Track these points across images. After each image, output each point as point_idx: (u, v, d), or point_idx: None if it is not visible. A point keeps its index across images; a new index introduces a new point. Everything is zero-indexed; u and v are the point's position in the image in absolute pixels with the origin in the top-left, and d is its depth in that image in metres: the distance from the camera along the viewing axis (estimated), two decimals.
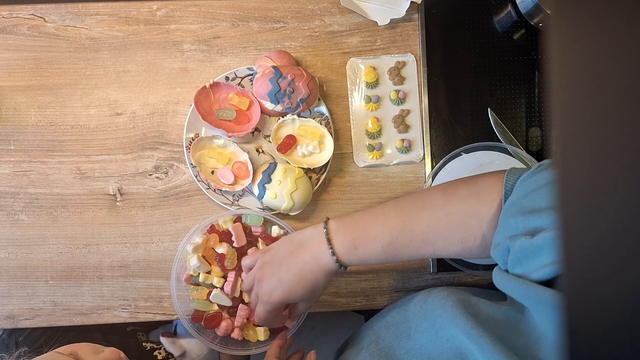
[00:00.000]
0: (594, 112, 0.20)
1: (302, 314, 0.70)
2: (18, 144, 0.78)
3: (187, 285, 0.75)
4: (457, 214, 0.59)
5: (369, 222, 0.62)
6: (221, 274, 0.74)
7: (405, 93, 0.79)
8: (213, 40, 0.79)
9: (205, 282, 0.74)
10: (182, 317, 0.72)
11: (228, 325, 0.73)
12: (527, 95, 0.80)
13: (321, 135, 0.77)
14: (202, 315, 0.74)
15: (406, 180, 0.79)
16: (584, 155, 0.21)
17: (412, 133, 0.79)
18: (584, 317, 0.23)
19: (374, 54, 0.80)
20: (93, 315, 0.77)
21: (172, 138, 0.79)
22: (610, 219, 0.21)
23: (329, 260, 0.61)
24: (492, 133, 0.79)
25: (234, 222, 0.75)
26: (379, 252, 0.61)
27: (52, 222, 0.78)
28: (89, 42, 0.79)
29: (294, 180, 0.73)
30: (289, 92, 0.73)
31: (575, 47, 0.20)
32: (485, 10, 0.81)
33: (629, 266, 0.22)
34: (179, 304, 0.72)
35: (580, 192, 0.21)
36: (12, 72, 0.78)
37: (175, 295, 0.72)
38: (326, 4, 0.80)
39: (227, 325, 0.73)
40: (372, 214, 0.62)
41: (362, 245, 0.61)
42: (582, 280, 0.22)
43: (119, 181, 0.78)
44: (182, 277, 0.74)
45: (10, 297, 0.77)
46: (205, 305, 0.74)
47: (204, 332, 0.73)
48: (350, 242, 0.61)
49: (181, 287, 0.74)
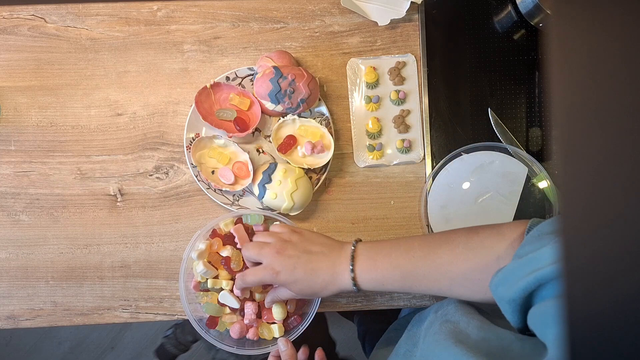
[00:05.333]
0: (595, 112, 0.20)
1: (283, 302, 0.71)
2: (19, 144, 0.78)
3: (197, 292, 0.74)
4: (477, 249, 0.59)
5: (393, 248, 0.63)
6: (229, 277, 0.73)
7: (406, 93, 0.79)
8: (213, 40, 0.79)
9: (214, 287, 0.73)
10: (196, 325, 0.71)
11: (241, 327, 0.72)
12: (527, 95, 0.80)
13: (321, 135, 0.77)
14: (216, 321, 0.73)
15: (407, 180, 0.79)
16: (585, 155, 0.21)
17: (413, 133, 0.79)
18: (585, 322, 0.23)
19: (374, 54, 0.80)
20: (94, 316, 0.77)
21: (173, 138, 0.79)
22: (612, 220, 0.21)
23: (346, 278, 0.62)
24: (492, 133, 0.79)
25: (234, 223, 0.75)
26: (397, 279, 0.61)
27: (53, 223, 0.78)
28: (89, 42, 0.79)
29: (294, 180, 0.74)
30: (289, 92, 0.74)
31: (575, 47, 0.20)
32: (485, 11, 0.81)
33: (631, 270, 0.22)
34: (190, 310, 0.71)
35: (581, 193, 0.21)
36: (13, 73, 0.78)
37: (186, 303, 0.71)
38: (326, 5, 0.80)
39: (240, 327, 0.72)
40: (399, 242, 0.64)
41: (382, 269, 0.62)
42: (583, 285, 0.22)
43: (119, 181, 0.78)
44: (191, 285, 0.74)
45: (11, 298, 0.77)
46: (218, 310, 0.73)
47: (221, 338, 0.73)
48: (372, 265, 0.62)
49: (191, 295, 0.74)
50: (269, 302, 0.71)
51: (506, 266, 0.52)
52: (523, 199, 0.78)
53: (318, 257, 0.64)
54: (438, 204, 0.78)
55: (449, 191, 0.78)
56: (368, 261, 0.62)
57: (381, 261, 0.62)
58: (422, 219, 0.78)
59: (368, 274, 0.62)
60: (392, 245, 0.63)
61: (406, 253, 0.62)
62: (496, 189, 0.78)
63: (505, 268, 0.52)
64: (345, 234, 0.79)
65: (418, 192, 0.79)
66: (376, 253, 0.63)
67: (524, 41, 0.80)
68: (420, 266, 0.61)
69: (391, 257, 0.62)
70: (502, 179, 0.78)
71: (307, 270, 0.63)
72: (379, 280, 0.62)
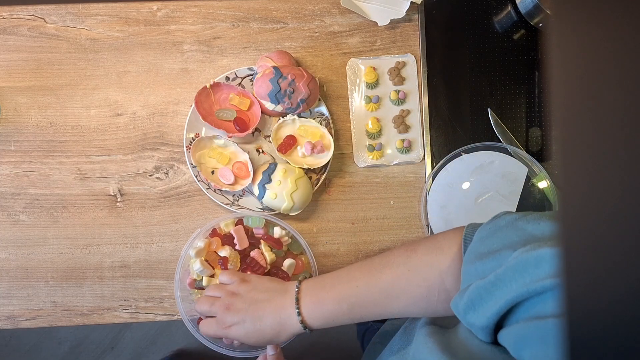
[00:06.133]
0: (594, 112, 0.20)
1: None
2: (18, 144, 0.78)
3: (191, 290, 0.74)
4: (418, 268, 0.59)
5: (335, 282, 0.63)
6: None
7: (406, 93, 0.79)
8: (213, 40, 0.79)
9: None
10: (186, 321, 0.71)
11: None
12: (527, 95, 0.80)
13: (321, 135, 0.77)
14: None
15: (406, 180, 0.79)
16: (584, 155, 0.21)
17: (412, 133, 0.79)
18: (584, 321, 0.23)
19: (374, 54, 0.80)
20: (93, 316, 0.77)
21: (173, 138, 0.79)
22: (611, 220, 0.21)
23: (294, 321, 0.62)
24: (492, 133, 0.79)
25: (235, 224, 0.75)
26: (345, 312, 0.61)
27: (53, 223, 0.78)
28: (89, 42, 0.79)
29: (294, 180, 0.74)
30: (289, 93, 0.74)
31: (575, 47, 0.20)
32: (485, 11, 0.81)
33: (629, 267, 0.22)
34: (183, 308, 0.72)
35: (581, 193, 0.21)
36: (13, 73, 0.78)
37: (180, 299, 0.71)
38: (326, 5, 0.80)
39: None
40: (339, 274, 0.64)
41: (328, 306, 0.62)
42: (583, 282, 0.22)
43: (119, 182, 0.78)
44: (186, 281, 0.74)
45: (11, 298, 0.77)
46: None
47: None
48: (317, 303, 0.62)
49: (185, 292, 0.74)
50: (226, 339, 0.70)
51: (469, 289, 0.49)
52: (523, 199, 0.78)
53: (263, 305, 0.64)
54: (438, 204, 0.78)
55: (449, 191, 0.78)
56: (312, 299, 0.63)
57: (325, 297, 0.62)
58: (422, 219, 0.78)
59: (315, 313, 0.62)
60: (334, 278, 0.64)
61: (348, 283, 0.62)
62: (496, 189, 0.78)
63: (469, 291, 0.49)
64: (345, 234, 0.79)
65: (418, 192, 0.79)
66: (319, 289, 0.63)
67: (523, 41, 0.80)
68: (365, 294, 0.61)
69: (335, 291, 0.62)
70: (502, 179, 0.78)
71: (254, 319, 0.63)
72: (327, 317, 0.62)
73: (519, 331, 0.45)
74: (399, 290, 0.60)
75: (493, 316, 0.47)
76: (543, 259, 0.43)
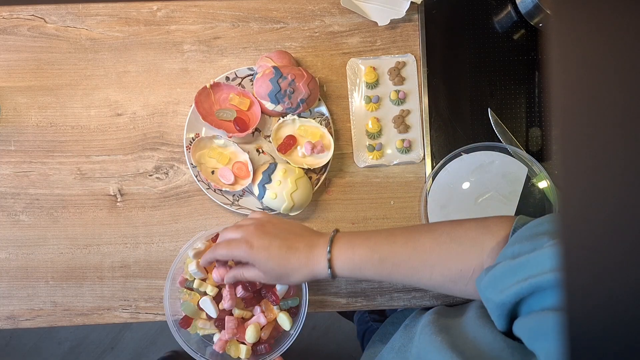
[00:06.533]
0: (594, 112, 0.20)
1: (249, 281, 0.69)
2: (18, 144, 0.78)
3: (181, 288, 0.73)
4: (461, 240, 0.58)
5: (374, 234, 0.62)
6: (216, 284, 0.72)
7: (406, 93, 0.79)
8: (213, 40, 0.79)
9: (199, 289, 0.72)
10: (169, 318, 0.71)
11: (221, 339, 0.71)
12: (527, 95, 0.80)
13: (321, 135, 0.77)
14: (190, 322, 0.72)
15: (406, 180, 0.79)
16: (584, 155, 0.21)
17: (412, 133, 0.79)
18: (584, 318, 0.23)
19: (374, 54, 0.80)
20: (94, 316, 0.77)
21: (173, 138, 0.79)
22: (611, 219, 0.21)
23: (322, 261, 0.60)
24: (492, 133, 0.79)
25: None
26: (374, 263, 0.59)
27: (53, 223, 0.78)
28: (89, 42, 0.79)
29: (294, 180, 0.74)
30: (289, 93, 0.74)
31: (575, 47, 0.20)
32: (485, 11, 0.81)
33: (628, 266, 0.22)
34: (169, 305, 0.71)
35: (581, 193, 0.21)
36: (13, 73, 0.78)
37: (168, 298, 0.70)
38: (326, 5, 0.80)
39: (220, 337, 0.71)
40: (379, 230, 0.63)
41: (360, 253, 0.60)
42: (582, 280, 0.22)
43: (119, 182, 0.78)
44: (177, 278, 0.73)
45: (11, 298, 0.77)
46: (194, 312, 0.72)
47: (188, 339, 0.71)
48: (350, 248, 0.60)
49: (174, 289, 0.73)
50: (230, 278, 0.67)
51: (496, 267, 0.50)
52: (523, 199, 0.78)
53: (296, 238, 0.62)
54: (438, 204, 0.78)
55: (449, 191, 0.78)
56: (346, 244, 0.61)
57: (359, 245, 0.60)
58: (422, 219, 0.78)
59: (345, 257, 0.60)
60: (373, 232, 0.62)
61: (386, 239, 0.60)
62: (496, 189, 0.78)
63: (495, 268, 0.50)
64: None
65: (418, 192, 0.79)
66: (355, 237, 0.62)
67: (523, 41, 0.80)
68: (401, 252, 0.59)
69: (370, 242, 0.60)
70: (502, 179, 0.78)
71: (283, 247, 0.61)
72: (355, 264, 0.60)
73: (533, 323, 0.45)
74: (435, 258, 0.58)
75: (512, 296, 0.46)
76: None
